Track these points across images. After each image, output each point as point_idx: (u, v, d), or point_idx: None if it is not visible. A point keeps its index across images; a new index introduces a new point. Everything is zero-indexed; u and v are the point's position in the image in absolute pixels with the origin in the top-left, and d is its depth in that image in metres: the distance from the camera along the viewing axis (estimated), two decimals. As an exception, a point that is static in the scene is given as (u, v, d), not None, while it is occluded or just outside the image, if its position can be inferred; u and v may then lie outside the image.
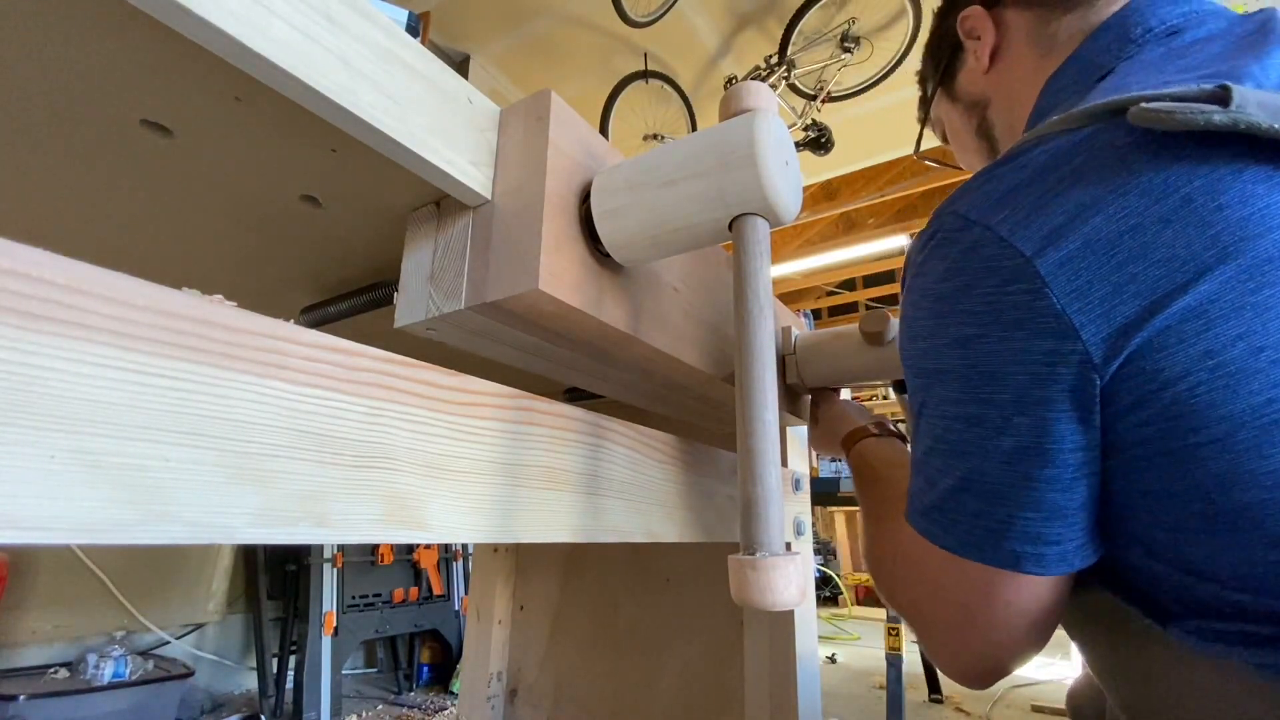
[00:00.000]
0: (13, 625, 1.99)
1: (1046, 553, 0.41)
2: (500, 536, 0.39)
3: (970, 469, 0.42)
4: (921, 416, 0.46)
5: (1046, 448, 0.39)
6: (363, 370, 0.32)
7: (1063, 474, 0.40)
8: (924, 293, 0.45)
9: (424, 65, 0.39)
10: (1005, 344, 0.39)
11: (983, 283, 0.40)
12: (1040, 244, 0.38)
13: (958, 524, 0.43)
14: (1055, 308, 0.38)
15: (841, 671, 3.22)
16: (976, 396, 0.41)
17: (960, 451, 0.42)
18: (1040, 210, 0.39)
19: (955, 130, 0.70)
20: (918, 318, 0.45)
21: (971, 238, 0.41)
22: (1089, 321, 0.37)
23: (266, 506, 0.27)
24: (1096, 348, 0.37)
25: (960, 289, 0.41)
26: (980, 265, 0.40)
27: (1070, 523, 0.41)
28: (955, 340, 0.42)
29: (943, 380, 0.43)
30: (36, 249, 0.22)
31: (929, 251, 0.45)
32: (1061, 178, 0.40)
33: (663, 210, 0.43)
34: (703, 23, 3.11)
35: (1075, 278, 0.37)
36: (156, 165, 0.46)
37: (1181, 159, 0.37)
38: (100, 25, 0.33)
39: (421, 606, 2.83)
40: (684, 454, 0.60)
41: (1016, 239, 0.39)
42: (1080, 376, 0.38)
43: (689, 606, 1.02)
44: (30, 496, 0.21)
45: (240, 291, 0.67)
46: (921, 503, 0.46)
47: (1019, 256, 0.39)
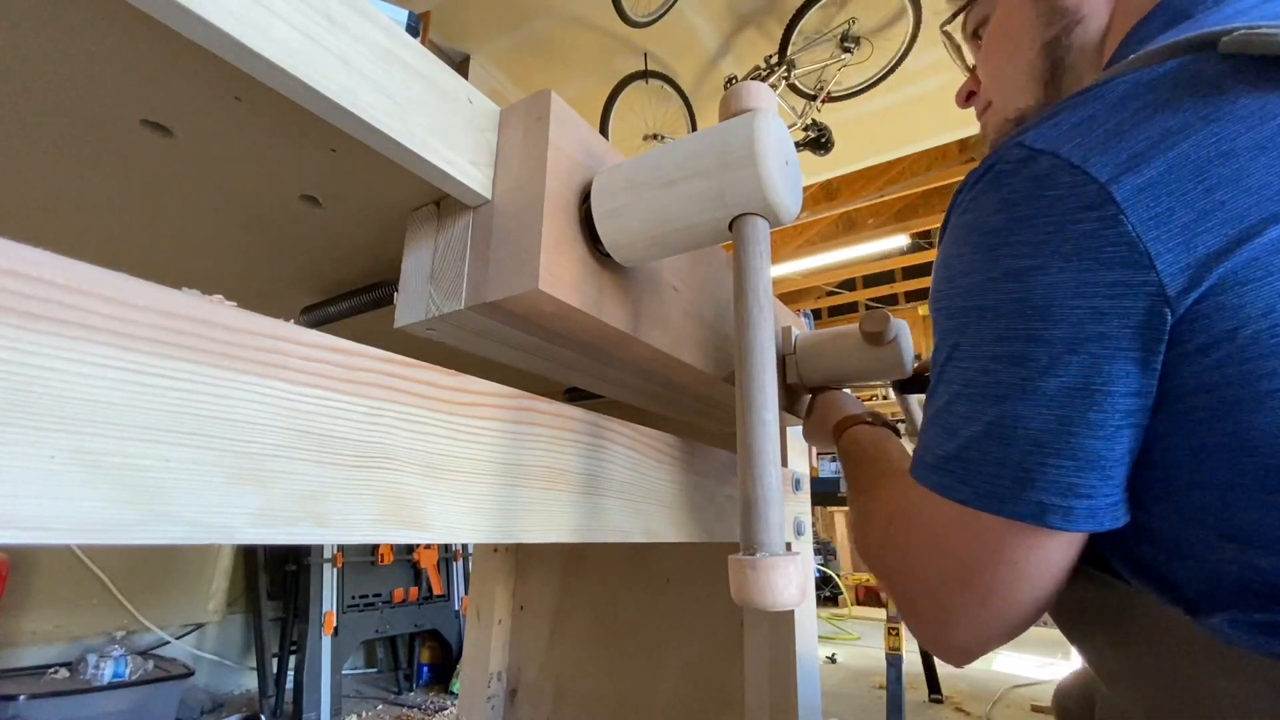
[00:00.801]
0: (13, 625, 1.99)
1: (1076, 506, 0.37)
2: (500, 536, 0.39)
3: (1004, 412, 0.39)
4: (950, 363, 0.43)
5: (1096, 389, 0.37)
6: (363, 370, 0.32)
7: (1109, 419, 0.37)
8: (971, 228, 0.42)
9: (424, 65, 0.39)
10: (1066, 275, 0.37)
11: (1047, 213, 0.38)
12: (1117, 169, 0.36)
13: (978, 474, 0.40)
14: (1130, 235, 0.35)
15: (841, 671, 3.22)
16: (1025, 333, 0.38)
17: (995, 394, 0.39)
18: (1118, 137, 0.37)
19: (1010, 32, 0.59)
20: (961, 254, 0.42)
21: (1037, 168, 0.39)
22: (1166, 250, 0.35)
23: (266, 506, 0.27)
24: (1173, 279, 0.35)
25: (1018, 220, 0.39)
26: (1045, 195, 0.38)
27: (1106, 475, 0.38)
28: (1007, 273, 0.39)
29: (985, 318, 0.40)
30: (36, 249, 0.22)
31: (982, 186, 0.42)
32: (1143, 105, 0.38)
33: (663, 210, 0.43)
34: (703, 23, 3.11)
35: (1155, 204, 0.35)
36: (156, 165, 0.46)
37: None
38: (100, 25, 0.33)
39: (421, 606, 2.83)
40: (684, 454, 0.60)
41: (1090, 165, 0.37)
42: (1149, 311, 0.35)
43: (689, 606, 1.02)
44: (30, 496, 0.21)
45: (240, 291, 0.67)
46: (935, 455, 0.43)
47: (1092, 183, 0.36)
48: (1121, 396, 0.37)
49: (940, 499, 0.42)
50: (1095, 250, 0.36)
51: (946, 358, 0.43)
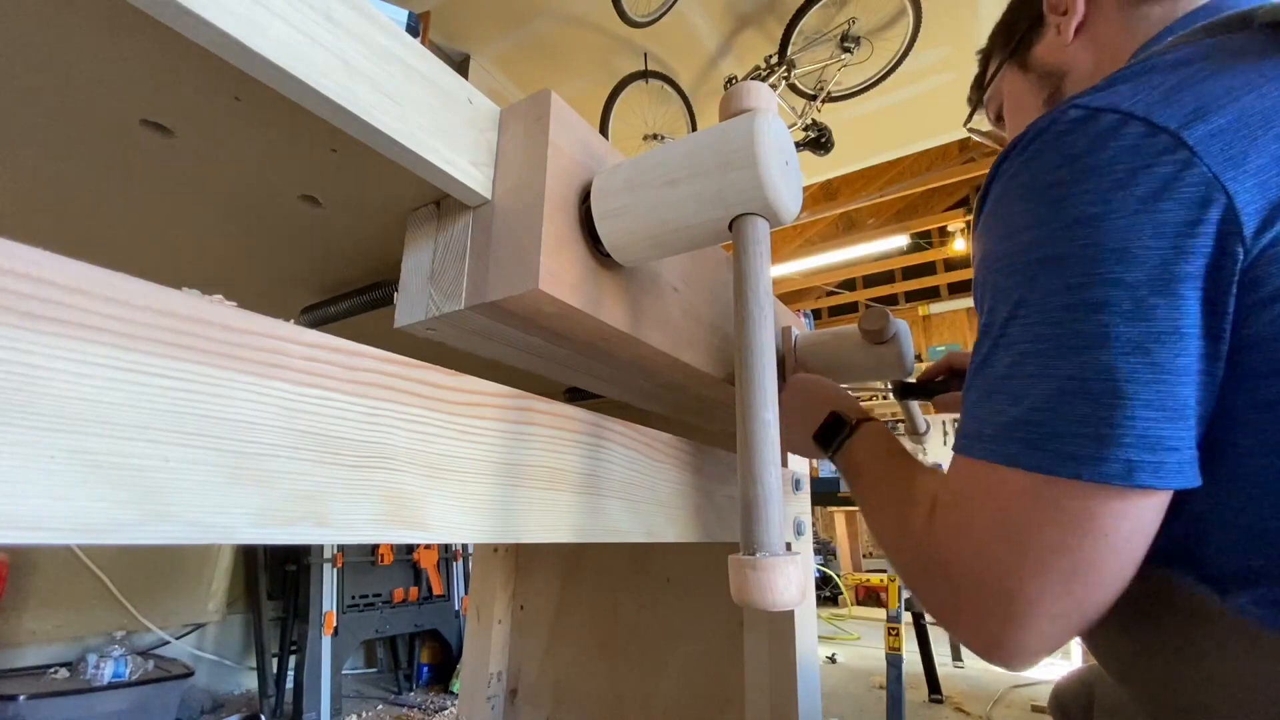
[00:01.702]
0: (13, 625, 1.99)
1: (1166, 461, 0.35)
2: (500, 536, 0.39)
3: (1082, 365, 0.37)
4: (1013, 321, 0.40)
5: (1183, 331, 0.36)
6: (363, 370, 0.32)
7: (1193, 364, 0.36)
8: (1030, 185, 0.41)
9: (424, 65, 0.39)
10: (1142, 217, 0.36)
11: (1116, 160, 0.38)
12: (1185, 119, 0.37)
13: (1053, 436, 0.37)
14: (1207, 174, 0.35)
15: (841, 671, 3.22)
16: (1103, 278, 0.37)
17: (1071, 347, 0.37)
18: (1179, 92, 0.38)
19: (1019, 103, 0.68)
20: (1021, 210, 0.42)
21: (1101, 124, 0.39)
22: (1243, 189, 0.35)
23: (266, 506, 0.27)
24: (1250, 218, 0.35)
25: (1085, 170, 0.39)
26: (1112, 145, 0.38)
27: (1189, 426, 0.36)
28: (1077, 220, 0.38)
29: (1056, 267, 0.38)
30: (36, 249, 0.22)
31: (1037, 146, 0.42)
32: (1199, 69, 0.39)
33: (663, 210, 0.43)
34: (703, 23, 3.11)
35: (1228, 148, 0.36)
36: (156, 165, 0.46)
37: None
38: (100, 25, 0.33)
39: (421, 606, 2.83)
40: (684, 454, 0.59)
41: (1155, 116, 0.37)
42: (1224, 251, 0.35)
43: (689, 606, 1.02)
44: (30, 496, 0.21)
45: (240, 291, 0.67)
46: (996, 425, 0.40)
47: (1161, 131, 0.37)
48: (1204, 339, 0.36)
49: (1006, 472, 0.38)
50: (1172, 191, 0.36)
51: (1008, 317, 0.41)
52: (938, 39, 3.07)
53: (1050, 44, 0.63)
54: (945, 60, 3.24)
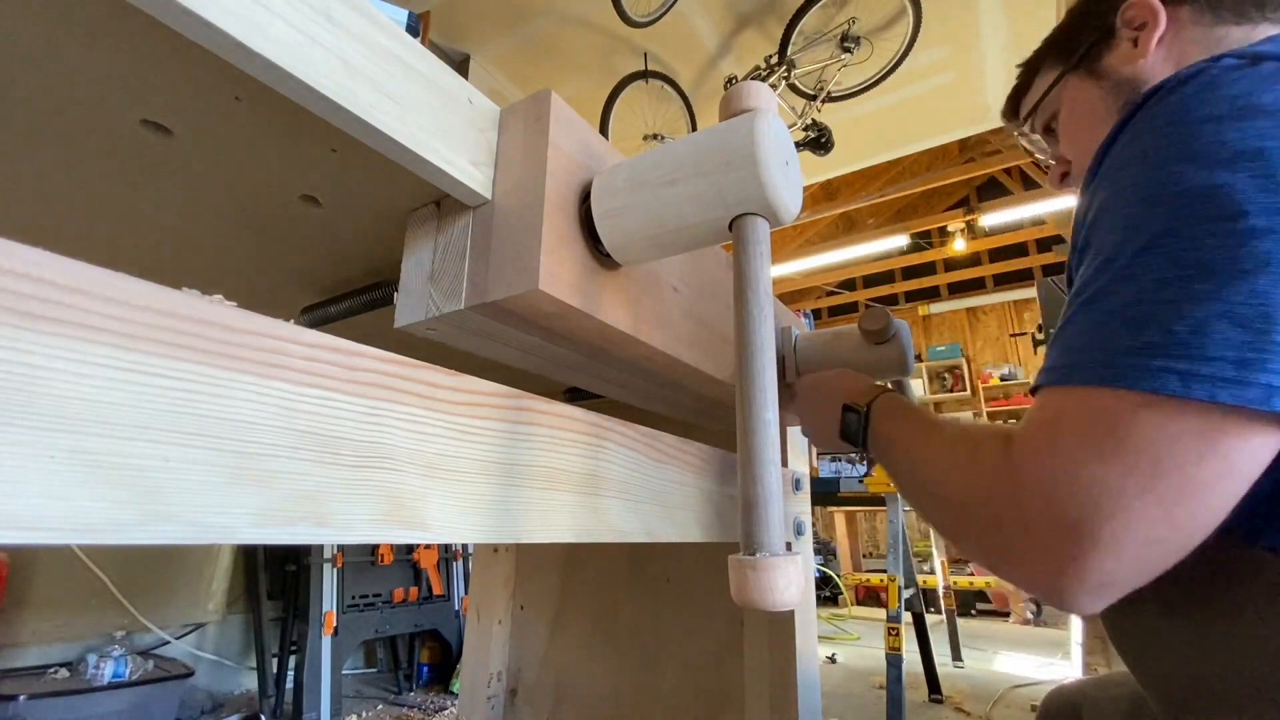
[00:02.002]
0: (13, 625, 1.99)
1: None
2: (500, 536, 0.39)
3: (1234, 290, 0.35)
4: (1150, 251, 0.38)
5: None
6: (363, 370, 0.32)
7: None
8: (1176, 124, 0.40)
9: (424, 65, 0.39)
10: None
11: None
12: None
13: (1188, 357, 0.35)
14: None
15: (841, 671, 3.22)
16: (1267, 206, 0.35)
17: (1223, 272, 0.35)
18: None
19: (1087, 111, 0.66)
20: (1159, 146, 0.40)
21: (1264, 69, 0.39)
22: None
23: (266, 506, 0.27)
24: None
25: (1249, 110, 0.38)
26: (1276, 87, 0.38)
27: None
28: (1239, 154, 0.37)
29: (1209, 199, 0.37)
30: (36, 249, 0.22)
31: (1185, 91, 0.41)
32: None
33: (663, 210, 0.43)
34: (703, 23, 3.11)
35: None
36: (156, 165, 0.46)
37: None
38: (100, 25, 0.33)
39: (421, 606, 2.83)
40: (684, 454, 0.59)
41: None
42: None
43: (689, 606, 1.02)
44: (30, 496, 0.21)
45: (240, 291, 0.67)
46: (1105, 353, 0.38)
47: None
48: None
49: (1121, 393, 0.36)
50: None
51: (1144, 246, 0.39)
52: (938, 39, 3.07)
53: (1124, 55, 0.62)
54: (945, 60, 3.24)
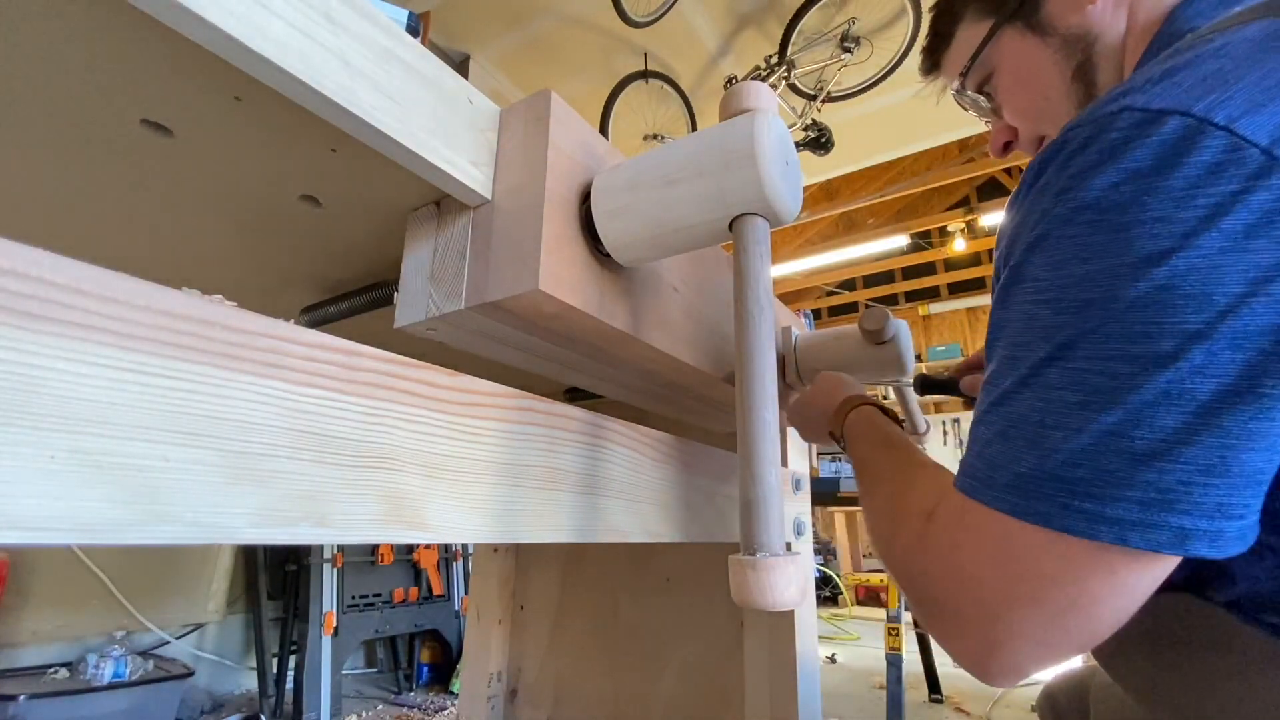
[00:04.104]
0: (13, 625, 1.99)
1: (1226, 529, 0.31)
2: (500, 536, 0.39)
3: (1137, 423, 0.32)
4: (1054, 364, 0.35)
5: (1264, 393, 0.30)
6: (363, 370, 0.32)
7: (1274, 428, 0.31)
8: (1083, 207, 0.35)
9: (424, 65, 0.39)
10: (1227, 257, 0.31)
11: (1196, 184, 0.32)
12: (1277, 131, 0.31)
13: (1089, 497, 0.32)
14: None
15: (841, 671, 3.22)
16: (1170, 329, 0.31)
17: (1126, 403, 0.32)
18: (1268, 93, 0.32)
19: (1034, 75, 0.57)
20: (1064, 237, 0.36)
21: (1165, 130, 0.33)
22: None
23: (266, 506, 0.27)
24: None
25: (1155, 193, 0.32)
26: (1188, 161, 0.32)
27: (1259, 490, 0.32)
28: (1147, 257, 0.32)
29: (1113, 313, 0.33)
30: (36, 249, 0.22)
31: (1089, 157, 0.35)
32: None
33: (663, 210, 0.43)
34: (703, 23, 3.11)
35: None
36: (156, 165, 0.46)
37: None
38: (100, 25, 0.33)
39: (421, 606, 2.83)
40: (684, 454, 0.59)
41: (1240, 127, 0.31)
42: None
43: (689, 606, 1.02)
44: (30, 496, 0.21)
45: (240, 291, 0.67)
46: (1014, 471, 0.35)
47: (1249, 147, 0.31)
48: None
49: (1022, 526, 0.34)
50: (1266, 226, 0.30)
51: (1047, 358, 0.36)
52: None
53: (1067, 2, 0.54)
54: (945, 60, 3.23)
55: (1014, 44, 0.58)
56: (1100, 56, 0.53)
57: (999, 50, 0.59)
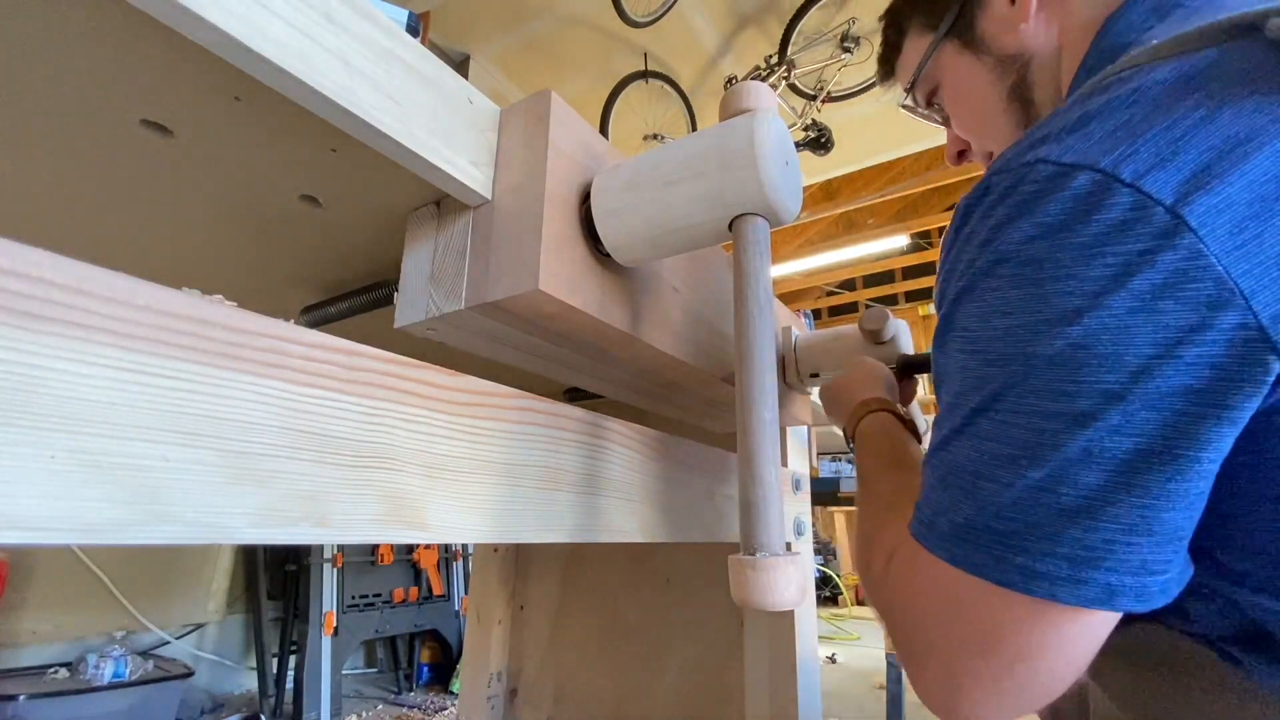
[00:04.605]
0: (13, 625, 1.99)
1: (1150, 585, 0.32)
2: (500, 536, 0.39)
3: (1060, 480, 0.32)
4: (984, 415, 0.35)
5: (1180, 454, 0.30)
6: (363, 370, 0.32)
7: (1193, 488, 0.31)
8: (1003, 260, 0.35)
9: (424, 65, 0.39)
10: (1139, 318, 0.30)
11: (1104, 241, 0.31)
12: (1184, 188, 0.30)
13: (1021, 552, 0.33)
14: (1215, 268, 0.29)
15: (841, 671, 3.22)
16: (1090, 387, 0.31)
17: (1051, 459, 0.32)
18: (1175, 146, 0.31)
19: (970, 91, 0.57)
20: (995, 289, 0.35)
21: (1075, 186, 0.32)
22: (1263, 287, 0.29)
23: (266, 506, 0.27)
24: (1276, 321, 0.29)
25: (1067, 250, 0.32)
26: (1096, 219, 0.31)
27: (1182, 545, 0.32)
28: (1062, 315, 0.32)
29: (1037, 368, 0.33)
30: (36, 249, 0.22)
31: (1006, 210, 0.35)
32: (1195, 106, 0.31)
33: (663, 210, 0.43)
34: (703, 23, 3.11)
35: (1239, 230, 0.29)
36: (156, 165, 0.46)
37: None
38: (100, 25, 0.33)
39: (421, 606, 2.83)
40: (684, 454, 0.60)
41: (1147, 183, 0.30)
42: (1248, 361, 0.29)
43: (689, 606, 1.02)
44: (30, 496, 0.21)
45: (240, 291, 0.67)
46: (953, 521, 0.36)
47: (1154, 205, 0.30)
48: (1210, 461, 0.31)
49: (964, 576, 0.35)
50: (1173, 288, 0.30)
51: (977, 408, 0.36)
52: (938, 39, 3.06)
53: (1001, 20, 0.53)
54: (945, 60, 3.23)
55: (953, 60, 0.58)
56: (1036, 75, 0.53)
57: (940, 65, 0.59)
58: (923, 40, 0.59)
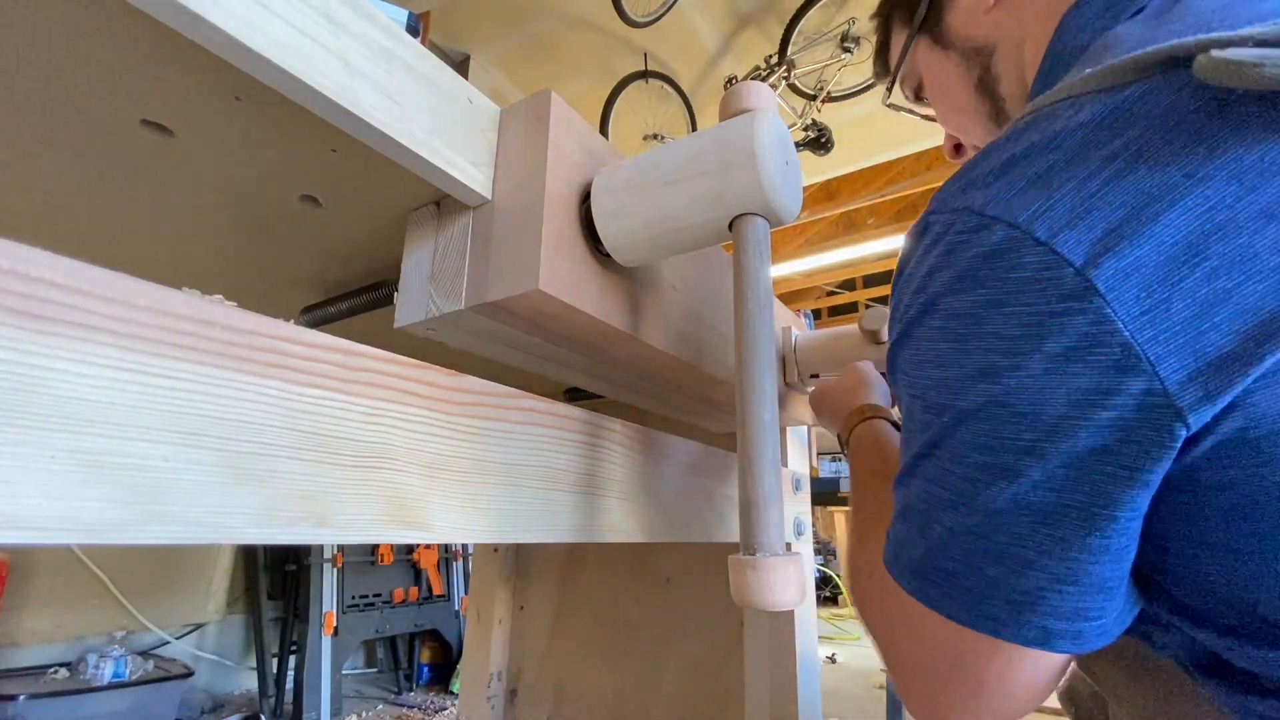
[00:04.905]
0: (13, 625, 1.99)
1: (1085, 630, 0.33)
2: (500, 536, 0.39)
3: (995, 529, 0.33)
4: (927, 458, 0.37)
5: (1097, 513, 0.31)
6: (363, 370, 0.32)
7: (1113, 543, 0.31)
8: (931, 308, 0.36)
9: (424, 65, 0.39)
10: (1052, 379, 0.31)
11: (1017, 300, 0.31)
12: (1094, 249, 0.29)
13: (967, 592, 0.34)
14: (1122, 334, 0.28)
15: (841, 671, 3.22)
16: (1011, 444, 0.32)
17: (982, 510, 0.33)
18: (1088, 202, 0.30)
19: (944, 86, 0.57)
20: (927, 338, 0.36)
21: (993, 240, 0.32)
22: (1169, 353, 0.28)
23: (266, 506, 0.27)
24: (1183, 388, 0.28)
25: (985, 306, 0.32)
26: (1010, 277, 0.31)
27: (1114, 594, 0.33)
28: (983, 371, 0.33)
29: (965, 421, 0.34)
30: (36, 249, 0.22)
31: (935, 258, 0.35)
32: (1111, 156, 0.30)
33: (663, 210, 0.43)
34: (703, 23, 3.11)
35: (1146, 294, 0.28)
36: (156, 165, 0.46)
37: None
38: (100, 25, 0.33)
39: (421, 606, 2.83)
40: (684, 454, 0.60)
41: (1060, 242, 0.30)
42: (1157, 426, 0.29)
43: (689, 606, 1.02)
44: (30, 496, 0.21)
45: (240, 291, 0.67)
46: (911, 555, 0.37)
47: (1065, 266, 0.29)
48: (1127, 520, 0.31)
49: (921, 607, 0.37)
50: (1083, 352, 0.30)
51: (921, 452, 0.37)
52: (938, 39, 3.06)
53: (966, 11, 0.53)
54: (945, 60, 3.23)
55: (927, 57, 0.58)
56: (1000, 68, 0.52)
57: (918, 61, 0.59)
58: (903, 36, 0.60)
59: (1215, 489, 0.31)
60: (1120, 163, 0.30)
